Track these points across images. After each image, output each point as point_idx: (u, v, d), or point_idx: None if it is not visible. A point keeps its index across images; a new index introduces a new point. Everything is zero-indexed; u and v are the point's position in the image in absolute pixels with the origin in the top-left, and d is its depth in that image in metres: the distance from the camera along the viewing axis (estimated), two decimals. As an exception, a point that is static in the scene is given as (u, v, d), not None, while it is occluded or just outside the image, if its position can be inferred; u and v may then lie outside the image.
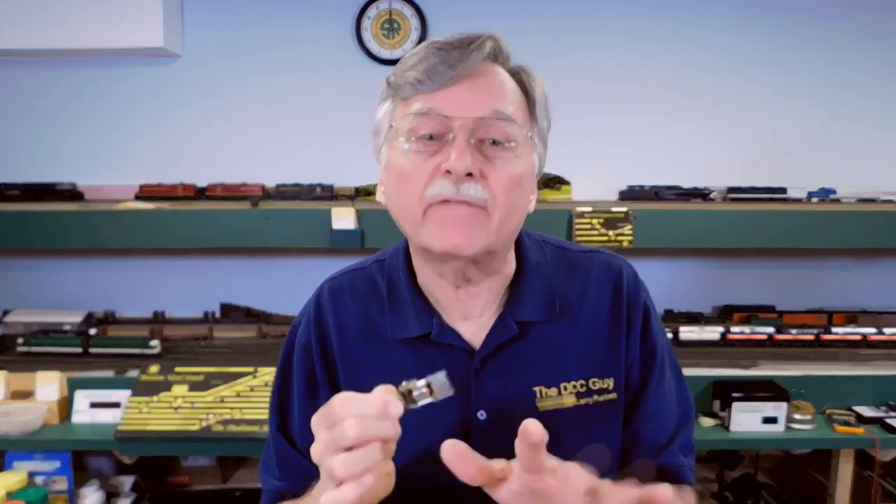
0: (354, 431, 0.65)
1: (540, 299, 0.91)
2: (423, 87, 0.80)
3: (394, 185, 0.84)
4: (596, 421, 0.91)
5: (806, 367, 2.18)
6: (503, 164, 0.81)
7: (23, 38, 2.50)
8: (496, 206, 0.80)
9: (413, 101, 0.81)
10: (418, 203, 0.81)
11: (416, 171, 0.80)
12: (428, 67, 0.79)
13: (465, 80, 0.80)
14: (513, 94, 0.84)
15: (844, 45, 2.71)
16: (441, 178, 0.79)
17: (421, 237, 0.83)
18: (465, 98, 0.79)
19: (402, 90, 0.82)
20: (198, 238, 2.23)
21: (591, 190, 2.64)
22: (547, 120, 0.88)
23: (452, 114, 0.79)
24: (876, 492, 2.12)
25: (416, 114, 0.80)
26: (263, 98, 2.71)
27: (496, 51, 0.83)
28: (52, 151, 2.71)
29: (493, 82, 0.82)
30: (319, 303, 0.97)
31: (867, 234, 2.26)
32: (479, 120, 0.79)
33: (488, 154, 0.80)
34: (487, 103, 0.80)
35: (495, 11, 2.67)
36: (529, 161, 0.85)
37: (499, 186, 0.80)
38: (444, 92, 0.80)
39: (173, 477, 2.42)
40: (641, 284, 0.97)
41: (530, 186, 0.87)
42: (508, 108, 0.81)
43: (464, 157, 0.77)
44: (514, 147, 0.81)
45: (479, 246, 0.81)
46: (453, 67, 0.78)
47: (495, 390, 0.89)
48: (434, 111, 0.79)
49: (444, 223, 0.80)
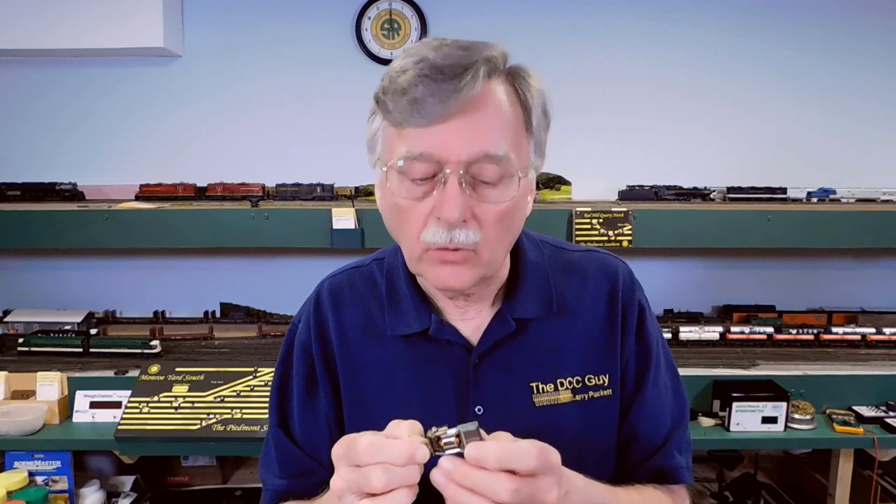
0: (381, 482, 0.64)
1: (537, 297, 0.93)
2: (412, 119, 0.77)
3: (390, 215, 0.85)
4: (592, 417, 0.92)
5: (805, 367, 2.19)
6: (497, 198, 0.80)
7: (23, 38, 2.51)
8: (487, 243, 0.81)
9: (403, 133, 0.79)
10: (415, 244, 0.82)
11: (411, 212, 0.80)
12: (418, 99, 0.75)
13: (456, 118, 0.76)
14: (506, 121, 0.80)
15: (844, 45, 2.71)
16: (434, 225, 0.79)
17: (417, 269, 0.85)
18: (456, 138, 0.76)
19: (391, 115, 0.78)
20: (198, 238, 2.23)
21: (591, 190, 2.64)
22: (545, 121, 0.86)
23: (444, 156, 0.77)
24: (875, 491, 2.13)
25: (406, 157, 0.78)
26: (263, 98, 2.71)
27: (493, 68, 0.79)
28: (52, 151, 2.72)
29: (486, 117, 0.78)
30: (319, 301, 0.98)
31: (867, 234, 2.26)
32: (471, 163, 0.78)
33: (480, 192, 0.79)
34: (479, 143, 0.77)
35: (495, 12, 2.67)
36: (523, 187, 0.84)
37: (490, 221, 0.80)
38: (435, 130, 0.76)
39: (173, 477, 2.42)
40: (637, 283, 0.98)
41: (524, 207, 0.87)
42: (501, 145, 0.78)
43: (455, 205, 0.76)
44: (509, 181, 0.80)
45: (472, 282, 0.82)
46: (444, 103, 0.74)
47: (493, 386, 0.91)
48: (425, 155, 0.77)
49: (438, 267, 0.81)
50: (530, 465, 0.65)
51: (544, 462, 0.66)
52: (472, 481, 0.65)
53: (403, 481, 0.65)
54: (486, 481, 0.65)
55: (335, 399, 0.95)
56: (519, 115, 0.82)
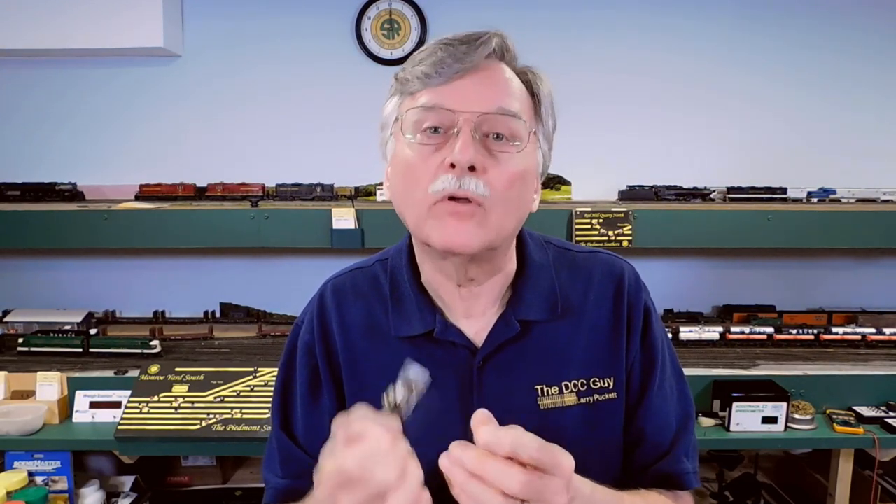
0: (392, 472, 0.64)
1: (542, 299, 0.92)
2: (430, 80, 0.81)
3: (400, 178, 0.85)
4: (597, 420, 0.91)
5: (806, 367, 2.19)
6: (506, 160, 0.81)
7: (22, 38, 2.51)
8: (495, 202, 0.81)
9: (420, 95, 0.82)
10: (423, 199, 0.81)
11: (422, 165, 0.81)
12: (435, 61, 0.80)
13: (471, 75, 0.81)
14: (518, 91, 0.84)
15: (844, 45, 2.71)
16: (445, 173, 0.79)
17: (423, 232, 0.83)
18: (471, 92, 0.80)
19: (410, 84, 0.83)
20: (198, 238, 2.23)
21: (591, 190, 2.64)
22: (553, 119, 0.89)
23: (458, 108, 0.80)
24: (875, 492, 2.12)
25: (422, 107, 0.81)
26: (263, 98, 2.71)
27: (503, 48, 0.85)
28: (52, 151, 2.72)
29: (499, 78, 0.83)
30: (322, 302, 0.98)
31: (867, 234, 2.26)
32: (484, 115, 0.80)
33: (492, 149, 0.81)
34: (493, 98, 0.81)
35: (495, 13, 2.67)
36: (533, 158, 0.86)
37: (500, 182, 0.80)
38: (451, 86, 0.80)
39: (173, 477, 2.42)
40: (642, 285, 0.98)
41: (533, 184, 0.87)
42: (514, 104, 0.82)
43: (467, 149, 0.78)
44: (518, 143, 0.82)
45: (479, 244, 0.81)
46: (460, 61, 0.80)
47: (497, 388, 0.90)
48: (440, 105, 0.80)
49: (446, 221, 0.80)
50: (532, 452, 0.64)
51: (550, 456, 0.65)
52: (483, 469, 0.63)
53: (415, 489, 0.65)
54: (497, 470, 0.63)
55: (338, 399, 0.95)
56: (529, 99, 0.86)
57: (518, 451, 0.63)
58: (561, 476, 0.66)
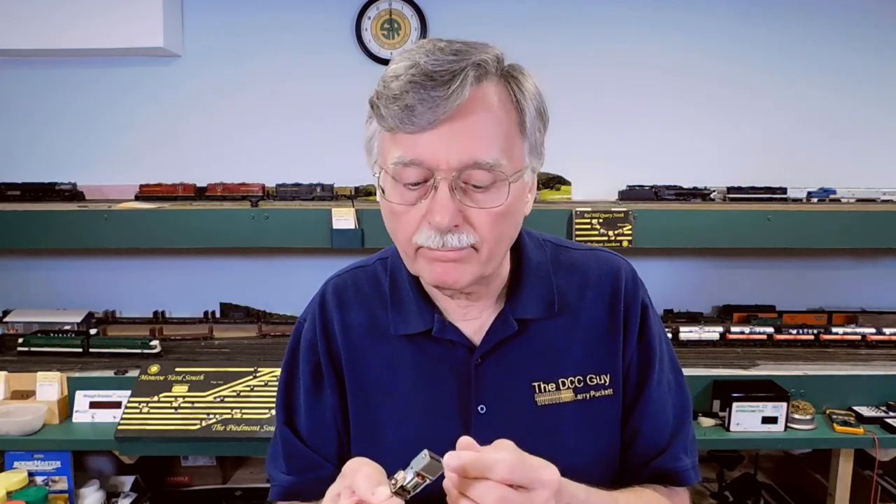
0: None
1: (539, 297, 0.93)
2: (404, 126, 0.77)
3: (387, 217, 0.86)
4: (593, 416, 0.92)
5: (805, 367, 2.19)
6: (488, 202, 0.80)
7: (23, 38, 2.51)
8: (483, 242, 0.81)
9: (396, 139, 0.79)
10: (408, 246, 0.83)
11: (404, 216, 0.81)
12: (409, 105, 0.75)
13: (446, 124, 0.76)
14: (498, 125, 0.80)
15: (844, 45, 2.71)
16: (427, 229, 0.80)
17: (413, 269, 0.86)
18: (447, 145, 0.77)
19: (385, 121, 0.79)
20: (198, 238, 2.23)
21: (591, 190, 2.64)
22: (541, 122, 0.86)
23: (434, 163, 0.77)
24: (875, 492, 2.12)
25: (398, 163, 0.79)
26: (263, 98, 2.71)
27: (483, 73, 0.79)
28: (52, 151, 2.72)
29: (476, 122, 0.78)
30: (324, 300, 0.99)
31: (867, 234, 2.26)
32: (461, 170, 0.78)
33: (473, 196, 0.80)
34: (469, 150, 0.77)
35: (495, 13, 2.66)
36: (520, 184, 0.83)
37: (485, 226, 0.80)
38: (426, 137, 0.77)
39: (173, 477, 2.42)
40: (640, 283, 0.98)
41: (521, 206, 0.86)
42: (491, 151, 0.78)
43: (445, 211, 0.77)
44: (501, 186, 0.80)
45: (469, 280, 0.83)
46: (433, 110, 0.75)
47: (495, 385, 0.91)
48: (416, 161, 0.78)
49: (434, 265, 0.82)
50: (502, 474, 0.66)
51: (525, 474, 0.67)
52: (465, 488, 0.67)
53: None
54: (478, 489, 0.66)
55: (341, 395, 0.97)
56: (512, 118, 0.82)
57: (487, 474, 0.66)
58: (544, 488, 0.68)
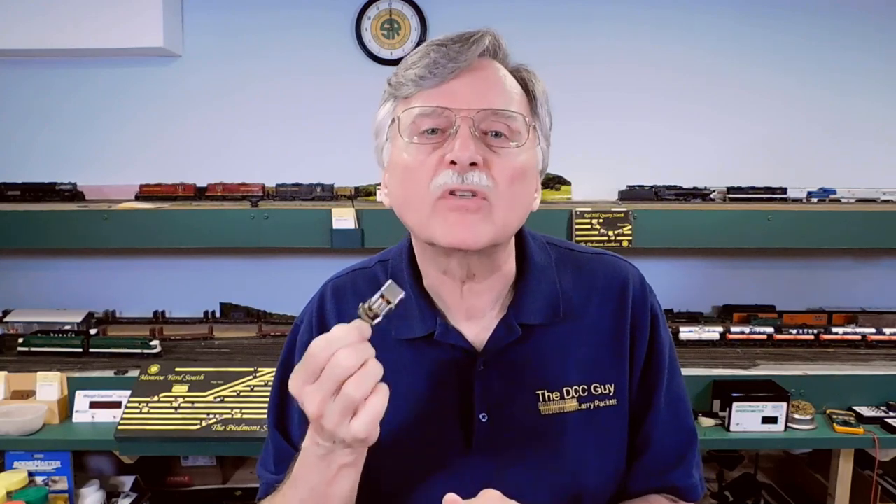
0: (352, 359, 0.68)
1: (544, 302, 0.90)
2: (424, 82, 0.79)
3: (398, 183, 0.84)
4: (598, 426, 0.89)
5: (805, 367, 2.19)
6: (507, 155, 0.80)
7: (23, 38, 2.50)
8: (500, 196, 0.79)
9: (414, 98, 0.81)
10: (425, 197, 0.80)
11: (421, 164, 0.80)
12: (428, 63, 0.79)
13: (465, 74, 0.80)
14: (514, 89, 0.84)
15: (844, 45, 2.71)
16: (445, 169, 0.78)
17: (427, 231, 0.81)
18: (467, 91, 0.79)
19: (404, 88, 0.81)
20: (198, 238, 2.23)
21: (591, 190, 2.64)
22: (549, 117, 0.88)
23: (454, 106, 0.79)
24: (875, 492, 2.12)
25: (417, 110, 0.80)
26: (263, 98, 2.71)
27: (495, 47, 0.84)
28: (52, 151, 2.71)
29: (494, 76, 0.82)
30: (322, 302, 0.97)
31: (867, 234, 2.26)
32: (482, 111, 0.79)
33: (492, 145, 0.80)
34: (489, 96, 0.80)
35: (495, 13, 2.66)
36: (533, 154, 0.84)
37: (502, 177, 0.80)
38: (446, 87, 0.80)
39: (173, 477, 2.42)
40: (649, 288, 0.96)
41: (534, 181, 0.86)
42: (510, 101, 0.81)
43: (467, 146, 0.77)
44: (518, 138, 0.81)
45: (486, 240, 0.80)
46: (454, 60, 0.79)
47: (497, 392, 0.88)
48: (437, 108, 0.79)
49: (451, 218, 0.79)
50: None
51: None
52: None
53: (369, 353, 0.69)
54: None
55: None
56: (524, 96, 0.85)
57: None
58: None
